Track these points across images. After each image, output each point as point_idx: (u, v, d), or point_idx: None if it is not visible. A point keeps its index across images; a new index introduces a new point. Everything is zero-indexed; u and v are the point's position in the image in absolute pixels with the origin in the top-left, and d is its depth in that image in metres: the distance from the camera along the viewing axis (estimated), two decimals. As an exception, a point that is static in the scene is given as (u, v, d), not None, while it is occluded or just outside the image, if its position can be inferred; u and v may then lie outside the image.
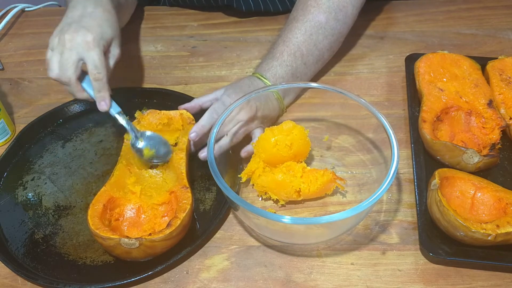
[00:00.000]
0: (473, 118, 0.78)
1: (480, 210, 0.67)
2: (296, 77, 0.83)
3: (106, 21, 0.74)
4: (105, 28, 0.73)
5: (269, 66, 0.82)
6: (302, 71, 0.84)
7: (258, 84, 0.80)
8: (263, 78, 0.80)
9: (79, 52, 0.70)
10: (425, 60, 0.85)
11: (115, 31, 0.75)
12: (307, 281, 0.64)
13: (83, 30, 0.71)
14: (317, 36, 0.84)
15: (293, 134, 0.71)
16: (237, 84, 0.80)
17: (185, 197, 0.67)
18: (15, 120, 0.89)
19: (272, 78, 0.81)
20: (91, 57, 0.70)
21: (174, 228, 0.63)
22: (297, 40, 0.83)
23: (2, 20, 1.09)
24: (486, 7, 1.09)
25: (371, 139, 0.78)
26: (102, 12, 0.75)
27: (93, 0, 0.76)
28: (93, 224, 0.64)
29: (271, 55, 0.84)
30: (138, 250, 0.62)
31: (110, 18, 0.75)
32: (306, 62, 0.84)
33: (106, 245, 0.63)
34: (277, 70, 0.81)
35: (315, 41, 0.84)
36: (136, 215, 0.69)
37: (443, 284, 0.63)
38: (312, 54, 0.84)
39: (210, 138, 0.67)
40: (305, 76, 0.85)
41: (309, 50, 0.84)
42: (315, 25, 0.83)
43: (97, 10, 0.74)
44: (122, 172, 0.72)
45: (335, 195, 0.74)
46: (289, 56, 0.82)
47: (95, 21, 0.73)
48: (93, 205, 0.66)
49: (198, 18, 1.09)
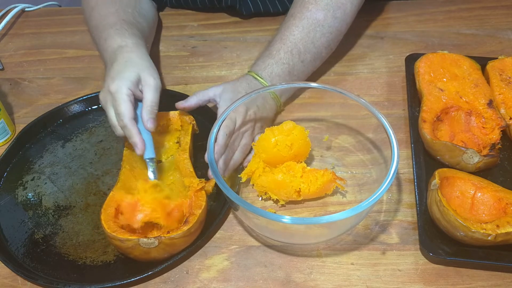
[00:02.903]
0: (473, 118, 0.78)
1: (480, 210, 0.67)
2: (294, 75, 0.83)
3: (127, 62, 0.73)
4: (126, 72, 0.71)
5: (265, 65, 0.81)
6: (299, 69, 0.83)
7: (256, 85, 0.79)
8: (259, 78, 0.80)
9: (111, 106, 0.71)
10: (425, 60, 0.85)
11: (139, 68, 0.73)
12: (307, 281, 0.64)
13: (108, 81, 0.71)
14: (315, 33, 0.83)
15: (294, 134, 0.71)
16: (234, 87, 0.78)
17: (200, 194, 0.68)
18: (15, 120, 0.89)
19: (269, 77, 0.80)
20: (115, 109, 0.70)
21: (191, 224, 0.63)
22: (294, 37, 0.82)
23: (2, 20, 1.09)
24: (486, 7, 1.09)
25: (371, 139, 0.78)
26: (125, 53, 0.74)
27: (119, 41, 0.77)
28: (108, 227, 0.63)
29: (267, 53, 0.83)
30: (157, 249, 0.62)
31: (133, 57, 0.74)
32: (303, 60, 0.83)
33: (125, 247, 0.63)
34: (274, 68, 0.81)
35: (312, 39, 0.83)
36: (149, 216, 0.68)
37: (443, 284, 0.63)
38: (309, 52, 0.83)
39: (210, 138, 0.67)
40: (302, 74, 0.84)
41: (307, 47, 0.83)
42: (313, 22, 0.83)
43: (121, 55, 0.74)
44: (127, 177, 0.72)
45: (335, 195, 0.74)
46: (285, 54, 0.81)
47: (118, 66, 0.72)
48: (105, 210, 0.66)
49: (198, 18, 1.09)
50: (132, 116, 0.69)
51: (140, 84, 0.71)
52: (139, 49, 0.76)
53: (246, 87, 0.78)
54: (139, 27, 0.85)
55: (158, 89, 0.72)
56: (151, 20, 0.96)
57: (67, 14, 1.14)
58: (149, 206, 0.66)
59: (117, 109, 0.69)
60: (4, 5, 1.14)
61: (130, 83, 0.70)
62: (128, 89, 0.69)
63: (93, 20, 0.86)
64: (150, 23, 0.94)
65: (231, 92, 0.76)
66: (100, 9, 0.85)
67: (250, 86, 0.79)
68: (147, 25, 0.91)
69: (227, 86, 0.78)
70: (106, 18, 0.82)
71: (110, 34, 0.78)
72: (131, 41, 0.77)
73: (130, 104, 0.69)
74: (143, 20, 0.89)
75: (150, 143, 0.71)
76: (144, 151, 0.69)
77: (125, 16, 0.84)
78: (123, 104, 0.68)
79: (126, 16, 0.84)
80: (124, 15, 0.84)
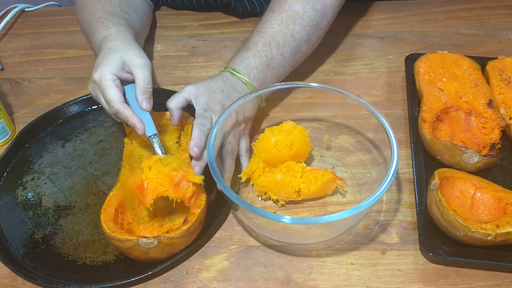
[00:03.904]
0: (473, 118, 0.78)
1: (480, 210, 0.67)
2: (273, 68, 0.80)
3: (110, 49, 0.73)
4: (108, 59, 0.71)
5: (242, 58, 0.79)
6: (278, 62, 0.81)
7: (232, 81, 0.77)
8: (235, 73, 0.77)
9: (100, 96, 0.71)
10: (425, 60, 0.85)
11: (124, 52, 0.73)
12: (307, 281, 0.64)
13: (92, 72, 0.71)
14: (294, 26, 0.81)
15: (293, 135, 0.71)
16: (208, 87, 0.74)
17: (199, 194, 0.67)
18: (15, 120, 0.89)
19: (246, 70, 0.78)
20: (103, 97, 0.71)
21: (191, 224, 0.63)
22: (272, 30, 0.80)
23: (2, 20, 1.09)
24: (486, 7, 1.09)
25: (371, 139, 0.78)
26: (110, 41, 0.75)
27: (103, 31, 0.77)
28: (108, 228, 0.63)
29: (245, 47, 0.81)
30: (157, 249, 0.62)
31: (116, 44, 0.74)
32: (282, 53, 0.81)
33: (124, 247, 0.63)
34: (251, 61, 0.78)
35: (292, 31, 0.81)
36: (156, 192, 0.66)
37: (443, 284, 0.63)
38: (289, 45, 0.81)
39: (210, 138, 0.67)
40: (282, 68, 0.82)
41: (286, 40, 0.81)
42: (292, 15, 0.81)
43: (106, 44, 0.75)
44: (127, 177, 0.71)
45: (335, 195, 0.74)
46: (263, 46, 0.80)
47: (101, 55, 0.72)
48: (105, 210, 0.66)
49: (198, 18, 1.09)
50: (121, 100, 0.69)
51: (127, 67, 0.71)
52: (122, 36, 0.76)
53: (221, 86, 0.75)
54: (126, 17, 0.84)
55: (147, 66, 0.71)
56: (142, 11, 0.95)
57: (67, 14, 1.14)
58: (154, 181, 0.64)
59: (105, 97, 0.69)
60: (4, 5, 1.14)
61: (112, 68, 0.69)
62: (112, 74, 0.69)
63: (83, 19, 0.86)
64: (140, 13, 0.93)
65: (206, 93, 0.74)
66: (89, 7, 0.85)
67: (226, 84, 0.76)
68: (137, 15, 0.91)
69: (201, 87, 0.74)
70: (93, 14, 0.82)
71: (96, 28, 0.79)
72: (114, 30, 0.77)
73: (117, 88, 0.69)
74: (132, 10, 0.89)
75: (150, 120, 0.70)
76: (145, 130, 0.69)
77: (111, 8, 0.83)
78: (109, 90, 0.68)
79: (112, 8, 0.83)
80: (110, 7, 0.83)
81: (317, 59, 0.96)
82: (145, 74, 0.70)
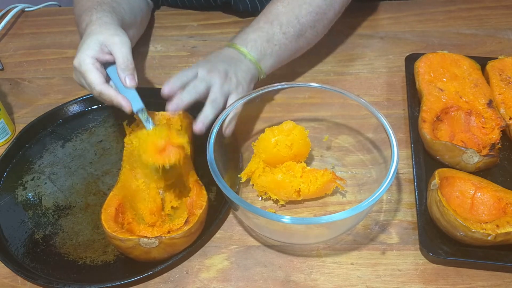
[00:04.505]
0: (473, 118, 0.78)
1: (480, 210, 0.67)
2: (274, 44, 0.80)
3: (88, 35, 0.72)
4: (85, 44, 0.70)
5: (241, 33, 0.81)
6: (280, 39, 0.81)
7: (227, 50, 0.79)
8: (232, 44, 0.79)
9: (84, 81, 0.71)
10: (425, 60, 0.85)
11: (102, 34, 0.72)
12: (307, 281, 0.64)
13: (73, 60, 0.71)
14: (300, 10, 0.82)
15: (294, 135, 0.71)
16: (207, 58, 0.77)
17: (201, 194, 0.68)
18: (15, 120, 0.89)
19: (243, 42, 0.79)
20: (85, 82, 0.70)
21: (192, 224, 0.63)
22: (277, 10, 0.81)
23: (2, 20, 1.09)
24: (486, 7, 1.09)
25: (371, 139, 0.78)
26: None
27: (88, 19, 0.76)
28: (109, 227, 0.63)
29: (247, 27, 0.82)
30: (157, 249, 0.62)
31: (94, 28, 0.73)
32: (285, 32, 0.81)
33: (125, 247, 0.63)
34: (249, 35, 0.80)
35: (297, 14, 0.81)
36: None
37: (443, 284, 0.63)
38: (293, 27, 0.81)
39: (210, 138, 0.67)
40: (285, 47, 0.82)
41: (290, 21, 0.81)
42: (299, 0, 0.82)
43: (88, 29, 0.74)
44: (128, 177, 0.72)
45: (335, 195, 0.74)
46: (265, 24, 0.81)
47: (81, 42, 0.72)
48: (105, 209, 0.66)
49: (198, 18, 1.09)
50: (102, 81, 0.68)
51: (105, 48, 0.70)
52: (101, 20, 0.75)
53: (217, 54, 0.79)
54: (114, 5, 0.83)
55: (126, 44, 0.70)
56: (136, 5, 0.94)
57: (67, 14, 1.14)
58: (151, 149, 0.65)
59: (86, 81, 0.69)
60: (4, 5, 1.14)
61: (91, 51, 0.69)
62: (91, 58, 0.69)
63: (76, 13, 0.86)
64: (133, 6, 0.93)
65: (206, 62, 0.76)
66: (81, 5, 0.84)
67: (222, 52, 0.79)
68: (128, 6, 0.89)
69: (205, 65, 0.75)
70: (83, 6, 0.82)
71: (84, 18, 0.78)
72: (95, 16, 0.76)
73: (97, 71, 0.69)
74: (123, 1, 0.88)
75: (135, 96, 0.70)
76: (131, 107, 0.68)
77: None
78: (89, 74, 0.68)
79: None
80: None
81: (317, 59, 0.96)
82: (123, 52, 0.69)
